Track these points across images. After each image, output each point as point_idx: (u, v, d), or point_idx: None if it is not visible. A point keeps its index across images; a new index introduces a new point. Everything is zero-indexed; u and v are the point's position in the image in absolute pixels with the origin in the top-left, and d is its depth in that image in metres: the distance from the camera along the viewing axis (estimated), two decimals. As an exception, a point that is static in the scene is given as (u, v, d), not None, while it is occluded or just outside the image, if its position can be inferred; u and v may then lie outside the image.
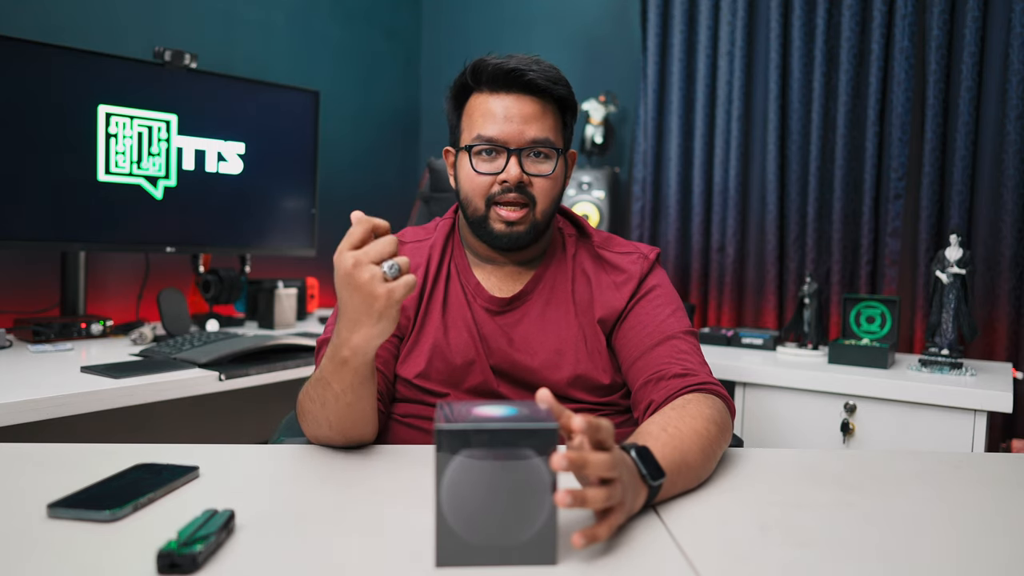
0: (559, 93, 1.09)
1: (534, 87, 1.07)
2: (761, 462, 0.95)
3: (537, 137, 1.07)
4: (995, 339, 1.94)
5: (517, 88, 1.07)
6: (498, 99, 1.08)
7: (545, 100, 1.09)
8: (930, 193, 2.01)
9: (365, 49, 2.88)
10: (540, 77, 1.07)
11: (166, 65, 1.96)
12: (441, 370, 1.11)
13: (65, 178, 1.81)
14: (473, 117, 1.09)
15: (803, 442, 1.73)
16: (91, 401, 1.31)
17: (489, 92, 1.09)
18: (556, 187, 1.11)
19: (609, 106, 2.47)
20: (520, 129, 1.06)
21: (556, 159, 1.09)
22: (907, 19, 2.02)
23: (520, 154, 1.07)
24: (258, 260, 2.42)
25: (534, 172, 1.08)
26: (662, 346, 1.06)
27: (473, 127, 1.09)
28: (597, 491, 0.64)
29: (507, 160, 1.07)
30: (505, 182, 1.06)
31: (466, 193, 1.11)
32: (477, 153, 1.08)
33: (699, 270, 2.38)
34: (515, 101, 1.07)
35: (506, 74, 1.06)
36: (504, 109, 1.07)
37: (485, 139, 1.07)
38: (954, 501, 0.83)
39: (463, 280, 1.16)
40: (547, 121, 1.08)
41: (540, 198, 1.09)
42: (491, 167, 1.08)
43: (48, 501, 0.71)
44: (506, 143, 1.06)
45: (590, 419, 0.65)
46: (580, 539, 0.62)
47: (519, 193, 1.07)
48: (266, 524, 0.70)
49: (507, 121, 1.06)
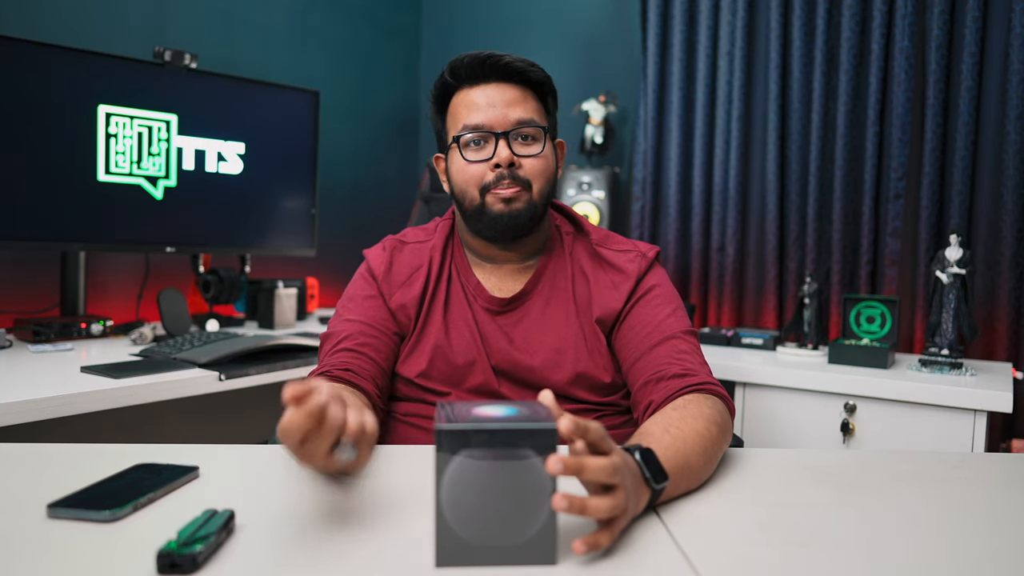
0: (537, 77, 1.11)
1: (512, 71, 1.10)
2: (761, 462, 0.95)
3: (522, 118, 1.09)
4: (995, 339, 1.94)
5: (495, 76, 1.10)
6: (479, 90, 1.10)
7: (524, 85, 1.11)
8: (930, 193, 2.01)
9: (365, 49, 2.88)
10: (516, 62, 1.09)
11: (166, 65, 1.96)
12: (442, 370, 1.11)
13: (65, 178, 1.81)
14: (457, 113, 1.11)
15: (803, 442, 1.73)
16: (91, 401, 1.31)
17: (469, 86, 1.11)
18: (548, 168, 1.12)
19: (609, 106, 2.47)
20: (503, 113, 1.08)
21: (544, 140, 1.11)
22: (907, 19, 2.02)
23: (508, 136, 1.08)
24: (258, 260, 2.42)
25: (523, 153, 1.09)
26: (662, 346, 1.06)
27: (458, 121, 1.10)
28: (600, 500, 0.63)
29: (496, 145, 1.08)
30: (498, 166, 1.07)
31: (460, 186, 1.11)
32: (466, 144, 1.09)
33: (699, 270, 2.38)
34: (495, 89, 1.09)
35: (482, 62, 1.09)
36: (486, 97, 1.09)
37: (471, 127, 1.08)
38: (954, 501, 0.83)
39: (463, 281, 1.16)
40: (529, 104, 1.11)
41: (534, 179, 1.10)
42: (481, 154, 1.09)
43: (48, 501, 0.71)
44: (492, 127, 1.08)
45: (577, 421, 0.63)
46: (581, 546, 0.62)
47: (513, 179, 1.08)
48: (266, 524, 0.70)
49: (490, 107, 1.08)
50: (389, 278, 1.16)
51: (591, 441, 0.65)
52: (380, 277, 1.16)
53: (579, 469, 0.62)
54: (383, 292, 1.15)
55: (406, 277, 1.16)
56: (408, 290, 1.15)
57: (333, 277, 2.71)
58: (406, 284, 1.15)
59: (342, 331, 1.11)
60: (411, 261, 1.17)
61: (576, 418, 0.64)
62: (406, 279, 1.16)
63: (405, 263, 1.17)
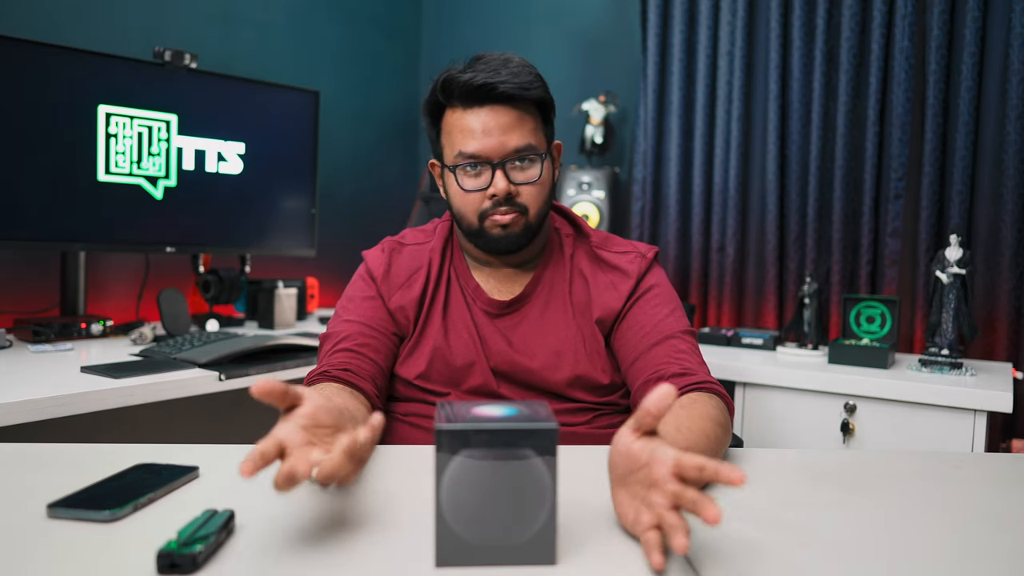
0: (532, 97, 1.07)
1: (507, 98, 1.05)
2: (761, 462, 0.95)
3: (519, 146, 1.06)
4: (995, 339, 1.94)
5: (490, 101, 1.05)
6: (473, 114, 1.06)
7: (521, 106, 1.07)
8: (930, 193, 2.01)
9: (365, 49, 2.88)
10: (511, 87, 1.04)
11: (166, 65, 1.96)
12: (441, 371, 1.11)
13: (65, 178, 1.81)
14: (452, 134, 1.08)
15: (803, 442, 1.73)
16: (91, 401, 1.31)
17: (463, 108, 1.07)
18: (545, 190, 1.10)
19: (609, 106, 2.47)
20: (500, 141, 1.05)
21: (541, 162, 1.09)
22: (907, 19, 2.02)
23: (504, 166, 1.06)
24: (258, 260, 2.42)
25: (521, 180, 1.07)
26: (661, 346, 1.06)
27: (454, 145, 1.07)
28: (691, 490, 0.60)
29: (492, 174, 1.06)
30: (495, 196, 1.06)
31: (458, 209, 1.11)
32: (462, 170, 1.08)
33: (699, 270, 2.38)
34: (490, 113, 1.05)
35: (476, 89, 1.04)
36: (481, 124, 1.05)
37: (467, 156, 1.06)
38: (954, 501, 0.83)
39: (462, 283, 1.16)
40: (526, 126, 1.07)
41: (531, 205, 1.09)
42: (477, 183, 1.07)
43: (48, 501, 0.71)
44: (489, 157, 1.05)
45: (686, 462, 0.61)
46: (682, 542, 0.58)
47: (510, 206, 1.07)
48: (266, 524, 0.70)
49: (486, 135, 1.05)
50: (388, 279, 1.16)
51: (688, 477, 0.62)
52: (379, 278, 1.16)
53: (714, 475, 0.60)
54: (382, 293, 1.15)
55: (405, 279, 1.16)
56: (407, 292, 1.15)
57: (333, 277, 2.71)
58: (405, 286, 1.15)
59: (341, 331, 1.11)
60: (410, 263, 1.17)
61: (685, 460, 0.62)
62: (405, 281, 1.16)
63: (404, 265, 1.17)
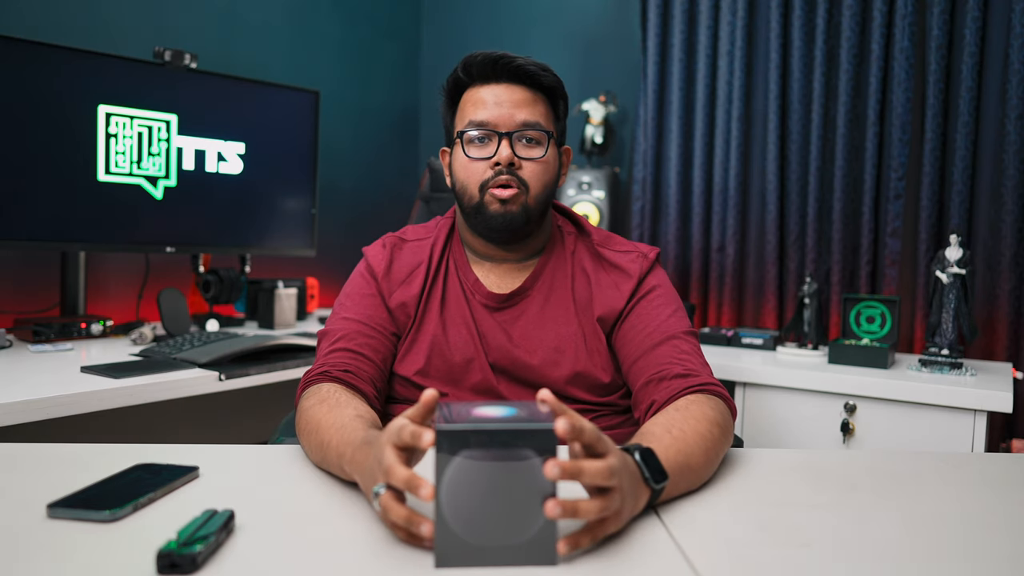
0: (548, 81, 1.11)
1: (523, 74, 1.09)
2: (761, 462, 0.95)
3: (528, 120, 1.09)
4: (995, 339, 1.94)
5: (506, 77, 1.10)
6: (488, 88, 1.10)
7: (535, 88, 1.11)
8: (930, 193, 2.01)
9: (365, 49, 2.88)
10: (529, 64, 1.09)
11: (166, 65, 1.96)
12: (440, 367, 1.11)
13: (65, 178, 1.81)
14: (465, 108, 1.12)
15: (803, 442, 1.73)
16: (91, 401, 1.31)
17: (480, 84, 1.11)
18: (548, 172, 1.11)
19: (609, 106, 2.47)
20: (510, 113, 1.08)
21: (547, 144, 1.10)
22: (907, 19, 2.02)
23: (511, 137, 1.08)
24: (258, 260, 2.42)
25: (525, 156, 1.09)
26: (663, 346, 1.06)
27: (465, 116, 1.11)
28: (590, 503, 0.64)
29: (498, 144, 1.08)
30: (497, 164, 1.08)
31: (461, 182, 1.12)
32: (469, 141, 1.10)
33: (699, 270, 2.38)
34: (505, 89, 1.10)
35: (495, 62, 1.09)
36: (494, 96, 1.09)
37: (476, 123, 1.09)
38: (954, 501, 0.83)
39: (462, 277, 1.16)
40: (537, 107, 1.11)
41: (532, 182, 1.09)
42: (483, 152, 1.09)
43: (48, 501, 0.71)
44: (496, 126, 1.08)
45: (572, 422, 0.64)
46: (563, 546, 0.63)
47: (511, 176, 1.08)
48: (266, 524, 0.70)
49: (497, 106, 1.09)
50: (389, 277, 1.15)
51: (586, 443, 0.66)
52: (380, 275, 1.15)
53: (577, 473, 0.63)
54: (382, 291, 1.15)
55: (406, 275, 1.15)
56: (408, 288, 1.14)
57: (333, 277, 2.71)
58: (406, 282, 1.15)
59: (340, 329, 1.11)
60: (411, 259, 1.17)
61: (572, 418, 0.64)
62: (406, 277, 1.15)
63: (405, 261, 1.17)
